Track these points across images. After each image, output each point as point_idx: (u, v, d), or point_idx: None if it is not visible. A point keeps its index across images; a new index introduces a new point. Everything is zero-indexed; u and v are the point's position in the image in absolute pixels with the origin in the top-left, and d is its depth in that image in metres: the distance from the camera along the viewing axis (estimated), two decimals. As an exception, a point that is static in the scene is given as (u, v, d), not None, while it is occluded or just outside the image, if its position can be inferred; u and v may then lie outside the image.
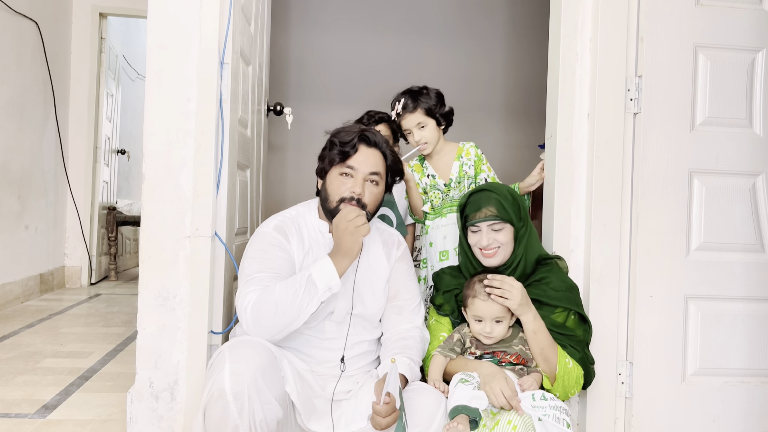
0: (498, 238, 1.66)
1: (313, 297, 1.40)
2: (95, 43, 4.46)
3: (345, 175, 1.54)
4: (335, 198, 1.54)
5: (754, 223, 1.86)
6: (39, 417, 1.94)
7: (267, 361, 1.33)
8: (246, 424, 1.26)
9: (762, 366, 1.84)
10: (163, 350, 1.76)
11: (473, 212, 1.67)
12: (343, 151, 1.54)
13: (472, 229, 1.69)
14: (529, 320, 1.56)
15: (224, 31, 1.80)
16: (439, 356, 1.59)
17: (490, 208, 1.65)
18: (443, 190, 2.04)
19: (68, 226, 4.44)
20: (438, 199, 2.05)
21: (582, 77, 1.88)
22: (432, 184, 2.06)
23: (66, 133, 4.36)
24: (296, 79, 4.31)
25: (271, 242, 1.54)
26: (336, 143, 1.55)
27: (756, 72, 1.87)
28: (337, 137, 1.57)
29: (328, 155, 1.57)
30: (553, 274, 1.68)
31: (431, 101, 2.03)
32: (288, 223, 1.59)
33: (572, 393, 1.60)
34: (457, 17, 4.42)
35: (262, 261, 1.50)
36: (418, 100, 2.02)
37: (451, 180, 2.04)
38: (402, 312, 1.64)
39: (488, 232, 1.66)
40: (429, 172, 2.07)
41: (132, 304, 3.80)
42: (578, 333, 1.63)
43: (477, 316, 1.59)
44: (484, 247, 1.66)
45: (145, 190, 1.77)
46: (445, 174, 2.06)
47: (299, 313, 1.40)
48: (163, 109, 1.76)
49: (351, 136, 1.55)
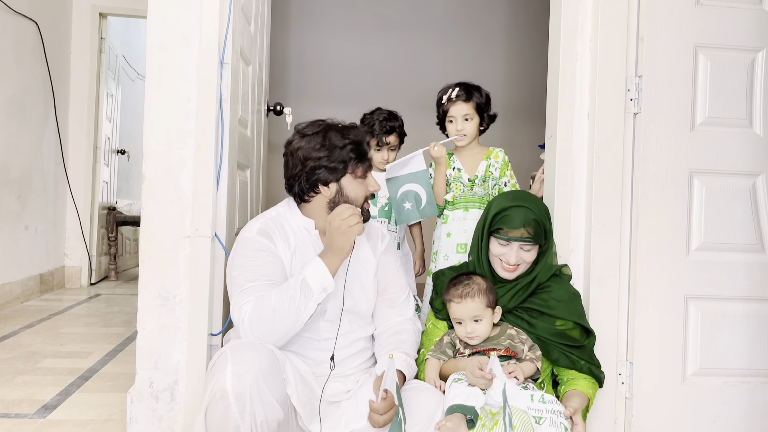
0: (525, 257, 1.64)
1: (309, 300, 1.40)
2: (95, 43, 4.46)
3: (364, 177, 1.58)
4: (362, 200, 1.57)
5: (754, 223, 1.86)
6: (39, 417, 1.94)
7: (269, 363, 1.33)
8: (247, 424, 1.26)
9: (762, 366, 1.84)
10: (163, 350, 1.76)
11: (509, 227, 1.62)
12: (363, 153, 1.57)
13: (501, 242, 1.64)
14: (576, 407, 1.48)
15: (224, 31, 1.80)
16: (432, 359, 1.60)
17: (528, 229, 1.61)
18: (466, 184, 2.09)
19: (68, 226, 4.43)
20: (459, 191, 2.10)
21: (582, 77, 1.88)
22: (456, 176, 2.11)
23: (66, 133, 4.36)
24: (296, 79, 4.31)
25: (258, 247, 1.51)
26: (357, 148, 1.55)
27: (756, 72, 1.87)
28: (358, 143, 1.56)
29: (353, 163, 1.55)
30: (555, 283, 1.68)
31: (482, 100, 2.11)
32: (271, 224, 1.56)
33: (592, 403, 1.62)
34: (457, 17, 4.42)
35: (253, 269, 1.48)
36: (473, 94, 2.09)
37: (476, 176, 2.09)
38: (393, 305, 1.65)
39: (518, 251, 1.63)
40: (455, 165, 2.11)
41: (132, 304, 3.80)
42: (584, 343, 1.63)
43: (456, 318, 1.59)
44: (510, 264, 1.64)
45: (145, 190, 1.77)
46: (471, 170, 2.10)
47: (297, 317, 1.40)
48: (163, 109, 1.76)
49: (362, 137, 1.58)
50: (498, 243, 1.65)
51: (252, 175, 2.33)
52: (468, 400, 1.38)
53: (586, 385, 1.59)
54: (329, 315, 1.54)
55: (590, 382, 1.61)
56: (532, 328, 1.62)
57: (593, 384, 1.61)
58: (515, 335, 1.58)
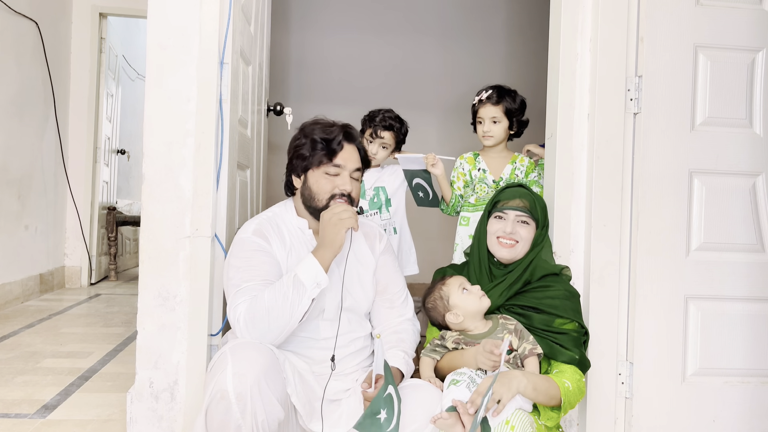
0: (521, 231, 1.68)
1: (302, 296, 1.40)
2: (95, 43, 4.46)
3: (332, 175, 1.55)
4: (324, 197, 1.54)
5: (754, 223, 1.86)
6: (39, 417, 1.94)
7: (269, 363, 1.33)
8: (249, 424, 1.26)
9: (762, 366, 1.84)
10: (163, 350, 1.76)
11: (506, 199, 1.71)
12: (331, 149, 1.54)
13: (499, 215, 1.70)
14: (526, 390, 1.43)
15: (224, 30, 1.80)
16: (426, 358, 1.63)
17: (524, 200, 1.70)
18: (491, 186, 2.12)
19: (68, 226, 4.43)
20: (483, 192, 2.12)
21: (582, 77, 1.88)
22: (481, 177, 2.13)
23: (66, 133, 4.36)
24: (296, 79, 4.31)
25: (253, 248, 1.52)
26: (320, 141, 1.55)
27: (756, 72, 1.87)
28: (321, 135, 1.55)
29: (312, 154, 1.55)
30: (556, 282, 1.69)
31: (514, 105, 2.12)
32: (266, 224, 1.58)
33: (580, 399, 1.59)
34: (457, 17, 4.42)
35: (248, 269, 1.49)
36: (503, 98, 2.10)
37: (501, 179, 2.12)
38: (393, 305, 1.66)
39: (514, 222, 1.68)
40: (481, 166, 2.14)
41: (132, 304, 3.80)
42: (575, 335, 1.62)
43: (454, 314, 1.61)
44: (505, 235, 1.67)
45: (145, 190, 1.77)
46: (496, 172, 2.13)
47: (292, 314, 1.40)
48: (163, 109, 1.76)
49: (335, 134, 1.55)
50: (496, 220, 1.71)
51: (252, 175, 2.33)
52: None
53: (570, 374, 1.55)
54: (328, 314, 1.54)
55: (577, 375, 1.56)
56: (526, 320, 1.62)
57: (576, 374, 1.56)
58: (504, 323, 1.59)
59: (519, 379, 1.42)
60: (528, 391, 1.42)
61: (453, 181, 2.17)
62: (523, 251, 1.69)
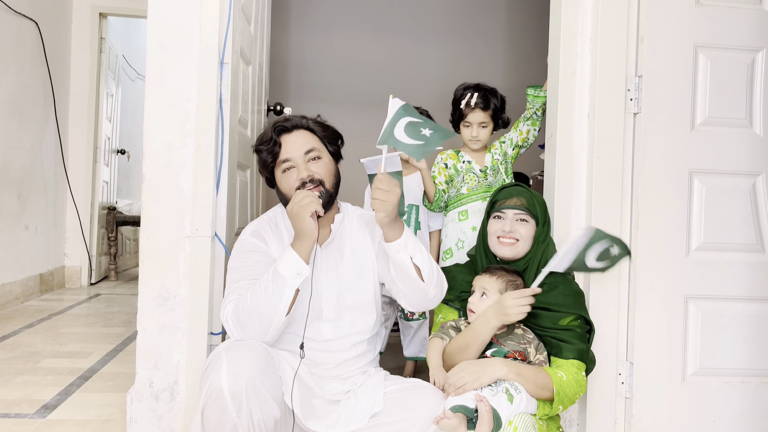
0: (520, 230, 1.68)
1: (284, 288, 1.39)
2: (95, 43, 4.46)
3: (287, 170, 1.55)
4: (292, 192, 1.54)
5: (754, 223, 1.86)
6: (39, 417, 1.94)
7: (264, 361, 1.33)
8: (245, 422, 1.26)
9: (762, 366, 1.84)
10: (163, 350, 1.76)
11: (503, 199, 1.72)
12: (271, 150, 1.56)
13: (498, 215, 1.71)
14: (508, 375, 1.45)
15: (224, 30, 1.80)
16: (436, 339, 1.60)
17: (521, 198, 1.70)
18: (479, 174, 2.15)
19: (68, 226, 4.44)
20: (473, 181, 2.15)
21: (582, 77, 1.88)
22: (468, 168, 2.16)
23: (66, 133, 4.36)
24: (296, 79, 4.31)
25: (248, 248, 1.54)
26: (262, 150, 1.57)
27: (756, 72, 1.87)
28: (259, 145, 1.58)
29: (264, 164, 1.58)
30: (562, 283, 1.68)
31: (499, 106, 2.15)
32: (264, 225, 1.60)
33: (579, 396, 1.57)
34: (457, 17, 4.42)
35: (241, 270, 1.51)
36: (491, 101, 2.13)
37: (486, 167, 2.16)
38: None
39: (513, 221, 1.68)
40: (465, 159, 2.18)
41: (132, 304, 3.80)
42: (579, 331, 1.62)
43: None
44: (505, 234, 1.67)
45: (145, 190, 1.77)
46: (480, 162, 2.18)
47: (276, 307, 1.39)
48: (163, 109, 1.76)
49: (268, 135, 1.57)
50: (495, 220, 1.71)
51: (252, 175, 2.33)
52: (469, 402, 1.38)
53: (567, 367, 1.54)
54: (327, 315, 1.54)
55: (575, 369, 1.55)
56: (534, 319, 1.61)
57: (573, 367, 1.55)
58: (522, 334, 1.58)
59: (497, 367, 1.44)
60: (510, 377, 1.43)
61: (434, 176, 2.18)
62: (524, 249, 1.69)
